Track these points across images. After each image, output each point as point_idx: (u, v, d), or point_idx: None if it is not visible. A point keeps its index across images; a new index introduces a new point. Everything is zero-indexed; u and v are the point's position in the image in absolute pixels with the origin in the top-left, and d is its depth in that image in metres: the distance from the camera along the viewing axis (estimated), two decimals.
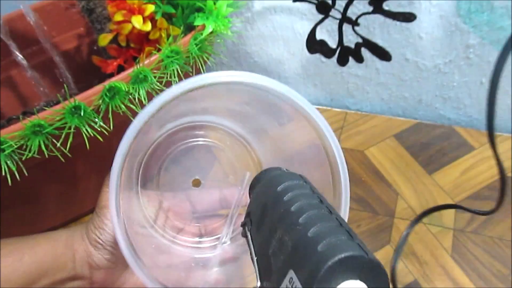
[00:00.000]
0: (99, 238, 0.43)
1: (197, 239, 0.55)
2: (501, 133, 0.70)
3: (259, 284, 0.30)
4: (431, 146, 0.70)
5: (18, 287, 0.41)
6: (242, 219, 0.49)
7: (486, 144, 0.69)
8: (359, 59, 0.72)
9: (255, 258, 0.31)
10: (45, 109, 0.47)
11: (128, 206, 0.44)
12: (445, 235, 0.60)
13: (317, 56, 0.76)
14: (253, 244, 0.32)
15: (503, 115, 0.72)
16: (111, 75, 0.60)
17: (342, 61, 0.74)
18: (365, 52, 0.72)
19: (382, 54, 0.71)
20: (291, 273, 0.25)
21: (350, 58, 0.74)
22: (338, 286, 0.22)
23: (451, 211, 0.62)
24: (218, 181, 0.57)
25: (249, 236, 0.33)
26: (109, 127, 0.50)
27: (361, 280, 0.22)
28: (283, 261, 0.27)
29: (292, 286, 0.25)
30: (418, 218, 0.60)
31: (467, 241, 0.59)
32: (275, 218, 0.30)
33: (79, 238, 0.44)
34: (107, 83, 0.48)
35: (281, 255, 0.27)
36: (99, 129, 0.49)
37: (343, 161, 0.39)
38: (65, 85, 0.50)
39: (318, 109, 0.78)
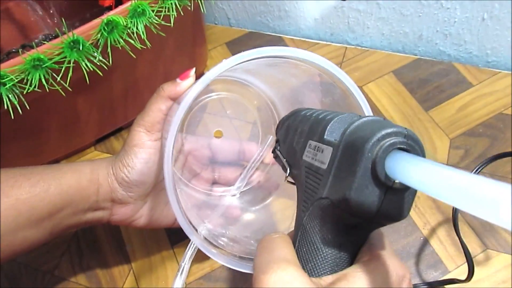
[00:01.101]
0: (126, 176, 0.45)
1: (209, 186, 0.57)
2: (500, 70, 0.70)
3: (288, 171, 0.37)
4: (429, 82, 0.71)
5: (44, 215, 0.43)
6: (256, 175, 0.56)
7: (484, 81, 0.69)
8: None
9: (284, 160, 0.38)
10: (44, 43, 0.48)
11: None
12: None
13: None
14: (281, 154, 0.39)
15: (503, 51, 0.72)
16: (109, 8, 0.59)
17: None
18: None
19: None
20: (309, 142, 0.32)
21: None
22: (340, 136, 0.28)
23: (446, 147, 0.63)
24: (240, 136, 0.58)
25: (279, 153, 0.40)
26: (108, 62, 0.50)
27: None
28: (303, 141, 0.34)
29: (311, 148, 0.32)
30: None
31: None
32: (296, 124, 0.37)
33: (105, 173, 0.46)
34: (105, 17, 0.48)
35: (301, 139, 0.34)
36: (98, 64, 0.50)
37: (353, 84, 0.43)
38: (62, 19, 0.49)
39: (317, 44, 0.78)
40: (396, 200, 0.25)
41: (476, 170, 0.52)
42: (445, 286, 0.53)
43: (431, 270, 0.54)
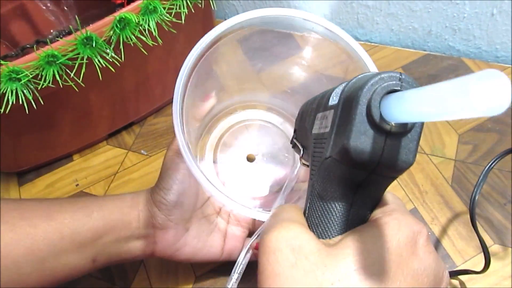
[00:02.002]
0: (163, 198, 0.45)
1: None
2: (509, 65, 0.70)
3: (301, 153, 0.38)
4: (438, 78, 0.71)
5: (87, 240, 0.44)
6: (292, 195, 0.55)
7: None
8: None
9: (299, 144, 0.39)
10: (57, 39, 0.49)
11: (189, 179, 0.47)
12: (446, 166, 0.62)
13: None
14: (297, 141, 0.40)
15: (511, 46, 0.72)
16: (121, 5, 0.60)
17: None
18: None
19: None
20: (317, 115, 0.32)
21: None
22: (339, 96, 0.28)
23: (454, 142, 0.63)
24: (272, 158, 0.59)
25: (295, 141, 0.41)
26: (121, 58, 0.51)
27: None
28: (312, 118, 0.33)
29: (318, 120, 0.32)
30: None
31: (468, 172, 0.61)
32: (307, 108, 0.37)
33: (144, 199, 0.47)
34: (117, 14, 0.49)
35: (311, 116, 0.34)
36: (110, 60, 0.51)
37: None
38: (76, 16, 0.50)
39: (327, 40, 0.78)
40: (398, 145, 0.25)
41: (488, 167, 0.52)
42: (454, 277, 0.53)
43: None
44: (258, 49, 0.51)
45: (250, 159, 0.59)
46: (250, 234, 0.53)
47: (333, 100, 0.29)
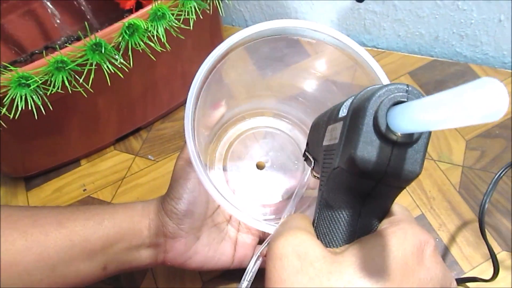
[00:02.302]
0: (174, 207, 0.45)
1: (262, 217, 0.58)
2: None
3: (312, 165, 0.39)
4: (445, 83, 0.71)
5: (97, 248, 0.44)
6: (303, 202, 0.55)
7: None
8: None
9: (310, 157, 0.40)
10: (67, 46, 0.49)
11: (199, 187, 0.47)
12: (453, 172, 0.62)
13: None
14: (309, 154, 0.40)
15: None
16: (130, 11, 0.60)
17: None
18: None
19: None
20: (328, 127, 0.33)
21: None
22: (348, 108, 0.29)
23: (462, 148, 0.63)
24: (281, 166, 0.60)
25: (307, 154, 0.41)
26: (129, 64, 0.51)
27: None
28: (323, 130, 0.34)
29: (328, 132, 0.32)
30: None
31: (475, 178, 0.61)
32: (320, 121, 0.37)
33: (155, 208, 0.47)
34: (126, 21, 0.49)
35: (322, 129, 0.34)
36: (119, 66, 0.51)
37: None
38: (86, 22, 0.51)
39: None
40: (404, 156, 0.25)
41: (498, 175, 0.52)
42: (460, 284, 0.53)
43: None
44: (267, 57, 0.51)
45: (260, 166, 0.59)
46: (260, 242, 0.53)
47: (343, 112, 0.30)
